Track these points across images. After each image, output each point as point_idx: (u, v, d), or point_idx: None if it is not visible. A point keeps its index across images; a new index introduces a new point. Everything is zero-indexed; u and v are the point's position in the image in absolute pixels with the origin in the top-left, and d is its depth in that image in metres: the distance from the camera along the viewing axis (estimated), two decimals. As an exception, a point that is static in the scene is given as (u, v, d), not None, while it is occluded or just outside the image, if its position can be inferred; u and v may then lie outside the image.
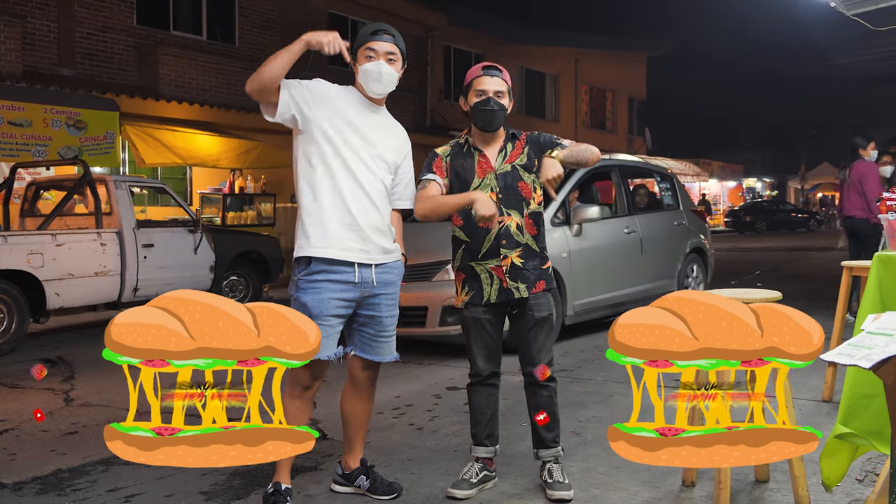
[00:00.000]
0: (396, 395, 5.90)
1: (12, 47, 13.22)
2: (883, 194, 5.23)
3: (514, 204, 3.81)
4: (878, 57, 30.54)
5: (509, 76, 3.91)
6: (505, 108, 3.82)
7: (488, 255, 3.79)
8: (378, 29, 3.61)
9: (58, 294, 8.57)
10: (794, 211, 40.06)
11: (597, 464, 4.22)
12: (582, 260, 7.99)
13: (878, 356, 2.15)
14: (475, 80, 3.84)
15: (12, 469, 4.41)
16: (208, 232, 10.53)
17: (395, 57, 3.60)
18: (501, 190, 3.80)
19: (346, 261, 3.51)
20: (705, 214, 10.81)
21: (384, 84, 3.58)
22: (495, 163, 3.84)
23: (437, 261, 7.07)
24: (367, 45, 3.57)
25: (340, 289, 3.51)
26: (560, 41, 28.66)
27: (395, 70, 3.60)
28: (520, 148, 3.89)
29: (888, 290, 3.57)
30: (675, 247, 9.72)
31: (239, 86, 16.40)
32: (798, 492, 3.48)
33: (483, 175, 3.82)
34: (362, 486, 3.82)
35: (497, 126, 3.84)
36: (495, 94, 3.79)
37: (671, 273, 9.56)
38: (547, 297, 3.88)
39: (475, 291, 3.83)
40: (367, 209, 3.56)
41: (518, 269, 3.78)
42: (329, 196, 3.52)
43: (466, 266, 3.85)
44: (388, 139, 3.71)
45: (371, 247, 3.57)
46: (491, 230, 3.75)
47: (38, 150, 12.30)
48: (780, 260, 18.95)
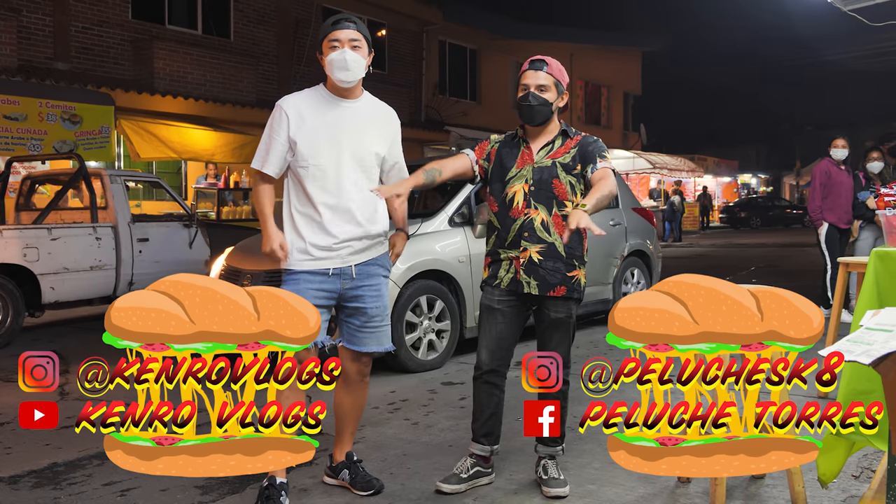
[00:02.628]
0: (391, 390, 5.90)
1: (7, 41, 13.18)
2: (881, 190, 5.23)
3: (543, 199, 3.75)
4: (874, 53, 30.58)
5: (560, 68, 3.82)
6: (547, 103, 3.74)
7: (512, 244, 3.78)
8: (339, 18, 3.62)
9: (53, 288, 8.55)
10: (789, 207, 40.06)
11: (592, 459, 4.22)
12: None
13: (877, 352, 2.16)
14: (522, 75, 3.80)
15: (8, 462, 4.40)
16: (203, 226, 10.51)
17: (358, 43, 3.57)
18: (535, 183, 3.76)
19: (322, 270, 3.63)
20: (652, 214, 9.99)
21: (351, 71, 3.56)
22: (536, 156, 3.80)
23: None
24: (330, 37, 3.57)
25: (319, 280, 3.61)
26: (555, 36, 28.64)
27: (360, 56, 3.57)
28: (568, 147, 3.82)
29: (885, 285, 3.57)
30: (610, 250, 8.67)
31: (234, 80, 16.42)
32: (794, 488, 3.48)
33: (522, 166, 3.80)
34: (345, 479, 3.85)
35: (538, 121, 3.78)
36: (537, 88, 3.73)
37: (604, 279, 8.61)
38: (568, 303, 3.82)
39: (493, 273, 3.84)
40: (341, 222, 3.61)
41: (534, 265, 3.73)
42: (302, 216, 3.63)
43: (494, 251, 3.86)
44: (364, 134, 3.69)
45: (346, 251, 3.64)
46: (517, 220, 3.74)
47: (33, 144, 12.26)
48: (775, 256, 18.97)
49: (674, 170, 31.88)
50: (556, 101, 3.78)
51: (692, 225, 31.79)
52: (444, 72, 24.90)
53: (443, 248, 6.80)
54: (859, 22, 10.09)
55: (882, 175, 8.65)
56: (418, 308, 6.56)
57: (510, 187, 3.79)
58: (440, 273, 6.75)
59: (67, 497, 3.87)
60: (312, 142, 3.58)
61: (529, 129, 3.85)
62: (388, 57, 21.99)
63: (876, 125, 32.39)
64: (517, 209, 3.76)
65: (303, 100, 3.66)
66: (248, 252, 7.07)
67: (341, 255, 3.62)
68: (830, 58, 40.48)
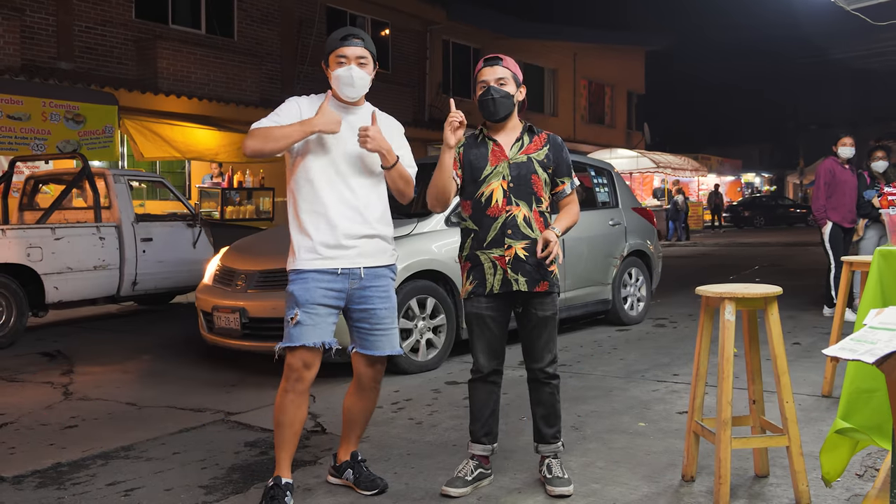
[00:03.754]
0: (395, 390, 5.90)
1: (11, 41, 13.21)
2: (885, 189, 5.22)
3: (523, 195, 3.76)
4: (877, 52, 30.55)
5: (514, 63, 3.86)
6: (509, 95, 3.77)
7: (493, 244, 3.75)
8: (347, 34, 3.66)
9: (56, 288, 8.57)
10: (793, 206, 40.00)
11: (596, 458, 4.22)
12: None
13: (881, 351, 2.15)
14: (477, 74, 3.83)
15: (11, 463, 4.40)
16: (207, 226, 10.52)
17: (365, 60, 3.64)
18: (513, 179, 3.76)
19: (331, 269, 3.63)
20: (652, 214, 9.92)
21: (357, 88, 3.64)
22: (510, 152, 3.80)
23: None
24: (338, 52, 3.62)
25: (328, 279, 3.60)
26: (559, 35, 28.68)
27: (366, 73, 3.65)
28: (539, 143, 3.85)
29: (889, 284, 3.56)
30: (609, 250, 8.59)
31: (238, 80, 16.44)
32: (798, 487, 3.48)
33: (496, 163, 3.78)
34: (349, 478, 3.85)
35: (502, 114, 3.79)
36: (496, 81, 3.76)
37: (604, 279, 8.49)
38: (552, 297, 3.83)
39: (478, 281, 3.80)
40: (350, 221, 3.62)
41: (521, 262, 3.73)
42: (310, 214, 3.63)
43: (472, 255, 3.82)
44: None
45: (355, 252, 3.64)
46: (498, 218, 3.74)
47: (36, 144, 12.29)
48: (779, 255, 18.95)
49: (677, 169, 31.86)
50: (515, 94, 3.81)
51: (695, 224, 31.72)
52: (448, 71, 24.91)
53: (439, 248, 6.78)
54: (863, 21, 10.08)
55: (886, 174, 8.64)
56: (410, 311, 6.51)
57: (486, 186, 3.78)
58: (436, 273, 6.72)
59: (71, 497, 3.87)
60: (320, 137, 3.61)
61: (492, 125, 3.86)
62: (391, 56, 22.00)
63: (879, 124, 32.37)
64: (496, 207, 3.75)
65: (310, 103, 3.70)
66: (244, 251, 7.07)
67: (349, 256, 3.62)
68: (834, 57, 40.38)
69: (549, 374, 3.84)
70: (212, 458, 4.42)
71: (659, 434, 4.64)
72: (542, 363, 3.82)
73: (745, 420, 3.92)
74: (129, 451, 4.58)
